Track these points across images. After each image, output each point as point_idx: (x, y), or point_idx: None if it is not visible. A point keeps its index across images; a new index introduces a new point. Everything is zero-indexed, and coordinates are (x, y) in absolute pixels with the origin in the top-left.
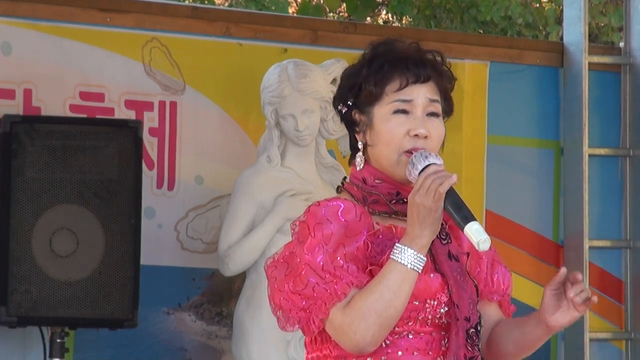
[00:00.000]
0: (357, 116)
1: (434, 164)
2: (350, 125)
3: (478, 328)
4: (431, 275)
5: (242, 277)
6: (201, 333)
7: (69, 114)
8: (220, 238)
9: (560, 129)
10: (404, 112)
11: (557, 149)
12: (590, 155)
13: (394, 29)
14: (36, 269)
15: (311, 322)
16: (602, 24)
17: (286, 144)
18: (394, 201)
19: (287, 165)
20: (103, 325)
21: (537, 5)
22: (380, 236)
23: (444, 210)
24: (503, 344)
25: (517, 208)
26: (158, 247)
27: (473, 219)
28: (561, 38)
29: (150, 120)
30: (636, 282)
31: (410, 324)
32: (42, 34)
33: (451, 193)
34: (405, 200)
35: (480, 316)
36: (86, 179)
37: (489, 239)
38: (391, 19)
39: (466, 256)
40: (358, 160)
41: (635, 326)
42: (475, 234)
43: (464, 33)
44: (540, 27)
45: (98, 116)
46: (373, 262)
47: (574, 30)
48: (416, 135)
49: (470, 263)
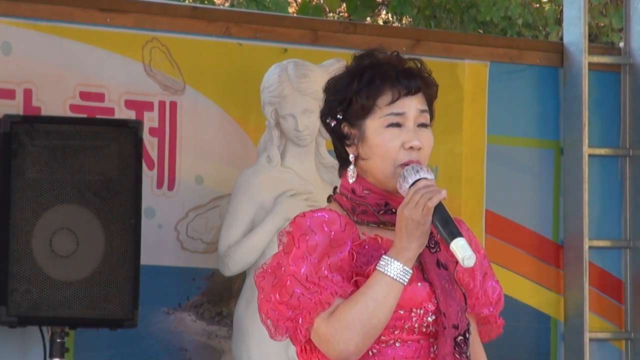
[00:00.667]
0: (347, 129)
1: (425, 179)
2: (339, 138)
3: (467, 335)
4: (419, 284)
5: (242, 277)
6: (201, 333)
7: (69, 114)
8: (220, 238)
9: (560, 129)
10: (397, 125)
11: (557, 149)
12: (590, 155)
13: (394, 29)
14: (36, 269)
15: (298, 332)
16: (602, 24)
17: (286, 144)
18: (382, 212)
19: (287, 165)
20: (103, 325)
21: (537, 5)
22: (366, 247)
23: (432, 224)
24: None
25: (517, 208)
26: (158, 247)
27: (459, 235)
28: (561, 38)
29: (150, 120)
30: (636, 282)
31: (396, 333)
32: (42, 34)
33: (440, 208)
34: (394, 210)
35: (468, 324)
36: (86, 179)
37: (474, 256)
38: (391, 19)
39: (455, 264)
40: (350, 173)
41: (635, 326)
42: (460, 250)
43: (464, 33)
44: (540, 27)
45: (98, 116)
46: (358, 273)
47: (574, 30)
48: (411, 147)
49: (463, 274)
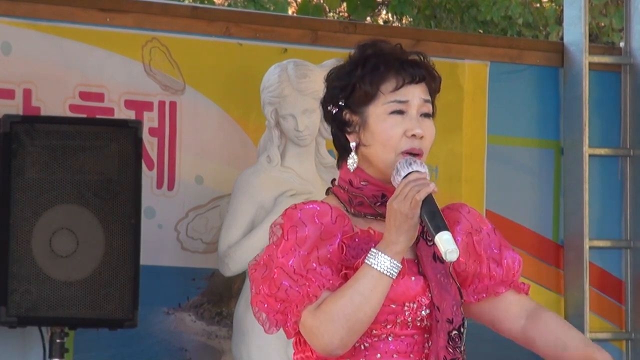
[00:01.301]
0: (349, 116)
1: (417, 172)
2: (340, 125)
3: (461, 330)
4: (412, 278)
5: (242, 277)
6: (201, 333)
7: (69, 114)
8: (220, 238)
9: (560, 129)
10: (400, 113)
11: (557, 149)
12: (590, 155)
13: (394, 29)
14: (36, 269)
15: (288, 325)
16: (603, 24)
17: (286, 144)
18: (379, 203)
19: (287, 165)
20: (103, 325)
21: (537, 5)
22: (357, 239)
23: (420, 217)
24: (542, 351)
25: (517, 208)
26: (158, 247)
27: (445, 229)
28: (561, 38)
29: (150, 120)
30: (636, 282)
31: (389, 327)
32: (42, 34)
33: (428, 201)
34: None
35: (463, 318)
36: (86, 179)
37: (457, 250)
38: (391, 19)
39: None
40: (351, 161)
41: (635, 326)
42: (444, 244)
43: (464, 33)
44: (540, 27)
45: (98, 116)
46: (348, 266)
47: (574, 30)
48: (413, 135)
49: (466, 262)
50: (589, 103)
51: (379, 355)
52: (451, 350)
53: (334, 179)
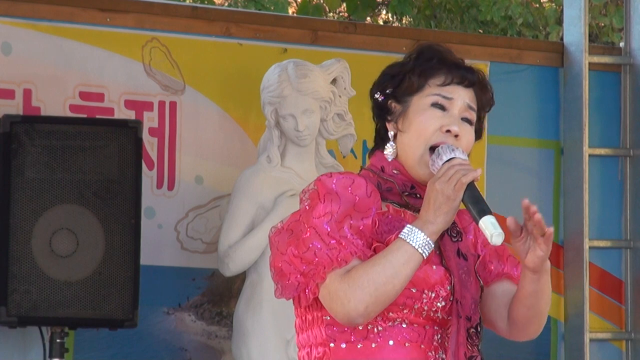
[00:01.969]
0: (393, 105)
1: (460, 158)
2: (381, 114)
3: (478, 329)
4: (433, 267)
5: (242, 277)
6: (201, 333)
7: (69, 114)
8: (220, 238)
9: (560, 129)
10: (442, 108)
11: (557, 149)
12: (590, 155)
13: (394, 29)
14: (36, 269)
15: (308, 288)
16: (603, 24)
17: (286, 144)
18: (407, 193)
19: (287, 165)
20: (103, 325)
21: (537, 5)
22: (389, 216)
23: (462, 202)
24: (515, 310)
25: (517, 208)
26: (158, 247)
27: (489, 213)
28: (561, 38)
29: (150, 120)
30: (636, 282)
31: (405, 312)
32: (42, 34)
33: (471, 187)
34: (418, 195)
35: (480, 317)
36: (86, 179)
37: (503, 234)
38: (391, 19)
39: (474, 257)
40: (389, 150)
41: (635, 326)
42: (489, 227)
43: (464, 33)
44: (540, 27)
45: (98, 116)
46: (379, 240)
47: (574, 30)
48: (448, 131)
49: (481, 253)
50: (589, 103)
51: (392, 342)
52: (470, 347)
53: (362, 167)
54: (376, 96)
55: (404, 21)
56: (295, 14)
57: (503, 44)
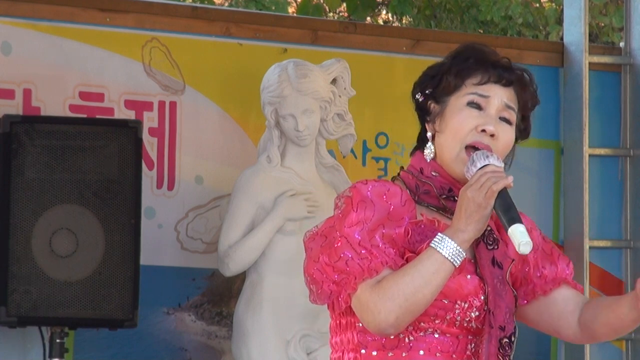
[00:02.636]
0: (432, 106)
1: (494, 165)
2: (422, 114)
3: (512, 339)
4: (468, 276)
5: (242, 277)
6: (201, 333)
7: (69, 114)
8: (220, 238)
9: (560, 129)
10: (478, 107)
11: (557, 149)
12: (590, 155)
13: (394, 29)
14: (36, 269)
15: (340, 297)
16: (603, 24)
17: (286, 144)
18: (445, 196)
19: (287, 165)
20: (103, 325)
21: (537, 5)
22: (422, 226)
23: (493, 210)
24: (600, 328)
25: (517, 208)
26: (158, 247)
27: (519, 221)
28: (561, 38)
29: (150, 120)
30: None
31: (437, 322)
32: (42, 34)
33: (503, 194)
34: (455, 198)
35: (515, 327)
36: (86, 179)
37: (531, 243)
38: (391, 19)
39: (510, 263)
40: (428, 151)
41: None
42: (518, 236)
43: (464, 33)
44: (540, 27)
45: (98, 116)
46: (411, 250)
47: (574, 30)
48: (483, 130)
49: (516, 265)
50: (589, 103)
51: (422, 352)
52: (501, 357)
53: (402, 167)
54: (417, 97)
55: (404, 21)
56: (295, 14)
57: (503, 44)
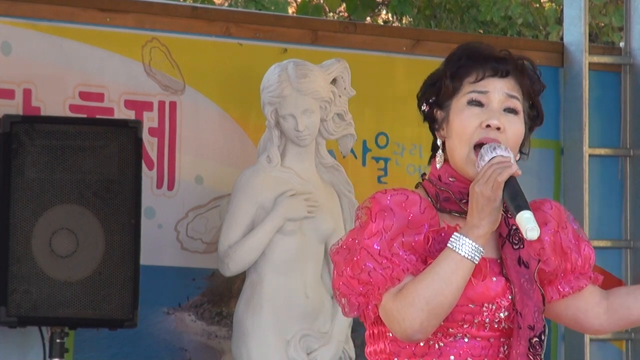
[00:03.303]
0: (438, 113)
1: (500, 156)
2: (430, 123)
3: (542, 337)
4: (493, 278)
5: (242, 277)
6: (201, 333)
7: (69, 114)
8: (220, 238)
9: (560, 129)
10: (479, 104)
11: (557, 149)
12: (590, 155)
13: (394, 29)
14: (36, 269)
15: (368, 308)
16: (602, 24)
17: (286, 144)
18: (465, 201)
19: (287, 165)
20: (103, 325)
21: (537, 5)
22: (443, 234)
23: (503, 200)
24: (634, 312)
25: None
26: (158, 247)
27: (526, 208)
28: (561, 38)
29: (150, 120)
30: (636, 282)
31: (465, 327)
32: (42, 34)
33: (510, 183)
34: None
35: (545, 325)
36: (86, 179)
37: (538, 229)
38: (391, 19)
39: (537, 262)
40: (438, 158)
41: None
42: (524, 222)
43: (464, 33)
44: (540, 27)
45: (98, 116)
46: (433, 258)
47: (574, 30)
48: (488, 125)
49: (554, 262)
50: (589, 103)
51: (453, 357)
52: (531, 357)
53: (424, 174)
54: (422, 108)
55: (404, 21)
56: (295, 14)
57: (503, 44)
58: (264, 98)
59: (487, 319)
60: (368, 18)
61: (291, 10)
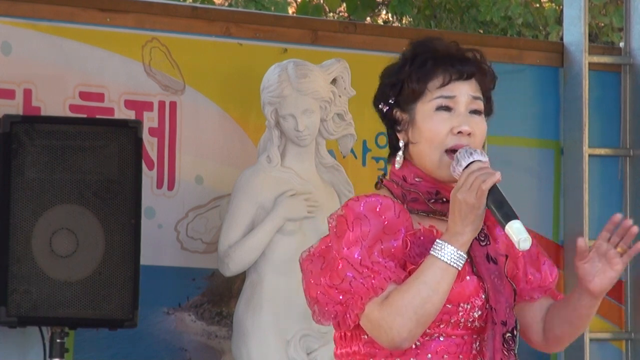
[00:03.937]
0: (399, 114)
1: (479, 161)
2: (390, 124)
3: (514, 332)
4: (467, 277)
5: (242, 277)
6: (201, 333)
7: (69, 114)
8: (220, 238)
9: (560, 129)
10: (447, 109)
11: (557, 149)
12: (590, 155)
13: (394, 29)
14: (36, 269)
15: (347, 317)
16: (602, 24)
17: (286, 144)
18: (433, 200)
19: (287, 165)
20: (103, 325)
21: (537, 5)
22: (421, 237)
23: (486, 208)
24: (558, 327)
25: (517, 208)
26: (158, 247)
27: (515, 217)
28: (561, 38)
29: (150, 120)
30: (636, 282)
31: (441, 327)
32: (42, 34)
33: (494, 191)
34: (444, 199)
35: (516, 320)
36: (86, 179)
37: (530, 238)
38: (391, 19)
39: (505, 258)
40: (397, 159)
41: (635, 326)
42: (516, 233)
43: (464, 33)
44: (540, 27)
45: (98, 116)
46: (413, 262)
47: (574, 30)
48: (460, 132)
49: (508, 264)
50: (589, 103)
51: (430, 355)
52: (506, 352)
53: (384, 174)
54: (380, 107)
55: (404, 21)
56: (295, 14)
57: (503, 44)
58: (264, 98)
59: (462, 319)
60: (368, 18)
61: (291, 10)
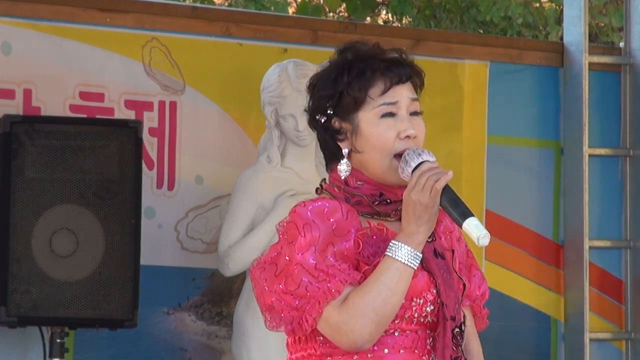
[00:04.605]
0: (338, 124)
1: (428, 161)
2: (330, 133)
3: (462, 328)
4: (418, 273)
5: (242, 277)
6: (201, 333)
7: (69, 114)
8: (220, 238)
9: (560, 129)
10: (391, 115)
11: (557, 149)
12: (590, 155)
13: (394, 29)
14: (36, 269)
15: (304, 321)
16: (602, 24)
17: (286, 144)
18: (377, 202)
19: (287, 165)
20: (103, 325)
21: (537, 5)
22: (374, 237)
23: (441, 207)
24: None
25: (517, 208)
26: (158, 247)
27: (471, 215)
28: (561, 38)
29: (150, 120)
30: (636, 282)
31: (396, 322)
32: (42, 34)
33: (447, 190)
34: (388, 201)
35: (464, 316)
36: (86, 179)
37: (489, 235)
38: (391, 19)
39: (451, 253)
40: (343, 167)
41: (635, 326)
42: (474, 230)
43: (464, 33)
44: (540, 27)
45: (98, 116)
46: (367, 263)
47: (574, 30)
48: (407, 136)
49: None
50: (589, 103)
51: (387, 350)
52: (455, 348)
53: (324, 179)
54: (317, 118)
55: (404, 21)
56: (295, 14)
57: (503, 44)
58: (264, 98)
59: (416, 314)
60: (368, 18)
61: (291, 10)
